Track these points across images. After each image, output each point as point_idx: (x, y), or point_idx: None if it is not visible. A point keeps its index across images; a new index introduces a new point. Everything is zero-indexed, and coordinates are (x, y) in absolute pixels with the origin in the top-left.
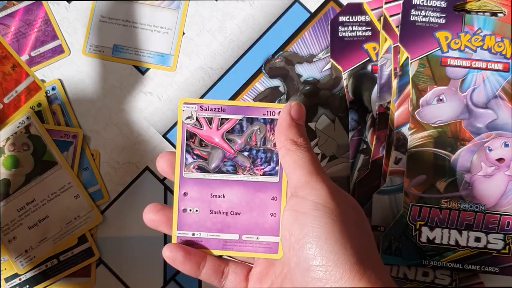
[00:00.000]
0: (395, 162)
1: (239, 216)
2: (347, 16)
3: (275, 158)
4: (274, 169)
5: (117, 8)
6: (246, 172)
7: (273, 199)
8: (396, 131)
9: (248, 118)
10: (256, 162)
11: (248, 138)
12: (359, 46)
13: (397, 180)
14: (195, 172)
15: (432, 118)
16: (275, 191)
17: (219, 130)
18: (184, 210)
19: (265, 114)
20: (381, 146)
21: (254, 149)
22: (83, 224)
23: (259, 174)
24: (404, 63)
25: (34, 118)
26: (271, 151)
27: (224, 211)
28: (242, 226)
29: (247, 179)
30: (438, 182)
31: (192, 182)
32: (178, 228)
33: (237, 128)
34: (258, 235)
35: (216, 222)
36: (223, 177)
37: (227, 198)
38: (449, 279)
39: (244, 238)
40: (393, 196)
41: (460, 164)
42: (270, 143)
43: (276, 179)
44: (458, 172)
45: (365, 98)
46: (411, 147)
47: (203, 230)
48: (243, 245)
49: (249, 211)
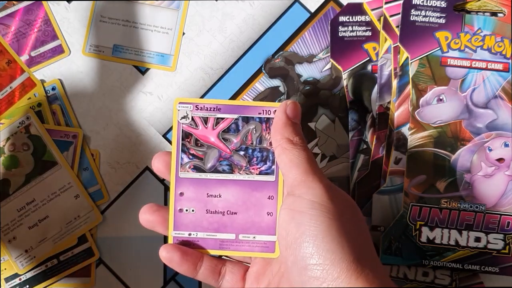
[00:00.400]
0: (395, 162)
1: (236, 216)
2: (347, 16)
3: (271, 157)
4: (270, 168)
5: (117, 8)
6: (242, 171)
7: (269, 198)
8: (396, 131)
9: (243, 117)
10: (252, 161)
11: (244, 137)
12: (359, 46)
13: (397, 180)
14: (191, 172)
15: (432, 118)
16: (272, 190)
17: (214, 130)
18: (181, 210)
19: (260, 113)
20: (381, 146)
21: (250, 148)
22: (83, 224)
23: (255, 173)
24: (404, 63)
25: (34, 118)
26: (267, 150)
27: (221, 211)
28: (238, 226)
29: (243, 179)
30: (438, 182)
31: (188, 182)
32: (175, 228)
33: (233, 127)
34: (255, 234)
35: (213, 221)
36: (219, 177)
37: (223, 197)
38: (449, 279)
39: (241, 237)
40: (393, 196)
41: (460, 164)
42: (266, 142)
43: (273, 178)
44: (458, 172)
45: (365, 98)
46: (411, 147)
47: (200, 230)
48: (240, 245)
49: (245, 210)
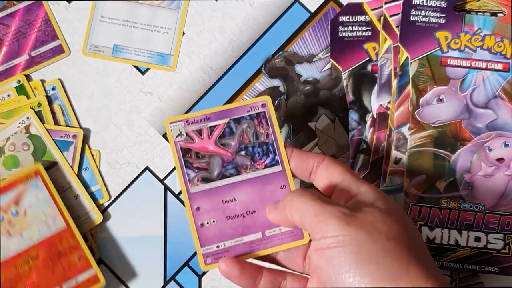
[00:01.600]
0: (395, 162)
1: (256, 214)
2: (347, 16)
3: (272, 149)
4: (274, 159)
5: (117, 8)
6: (248, 170)
7: (282, 187)
8: (396, 131)
9: (234, 119)
10: (255, 158)
11: (240, 138)
12: (359, 46)
13: (397, 180)
14: (200, 185)
15: (432, 118)
16: (282, 179)
17: (210, 138)
18: (202, 225)
19: (249, 110)
20: (381, 146)
21: (249, 146)
22: (83, 224)
23: (262, 168)
24: (404, 63)
25: (34, 118)
26: (266, 143)
27: (240, 214)
28: (262, 223)
29: (252, 176)
30: (438, 182)
31: (201, 195)
32: (201, 244)
33: (227, 131)
34: (280, 227)
35: (236, 226)
36: (229, 181)
37: (238, 200)
38: (449, 279)
39: (268, 233)
40: (393, 196)
41: (460, 164)
42: (262, 136)
43: (279, 168)
44: (458, 172)
45: (365, 98)
46: (411, 147)
47: (226, 238)
48: (269, 241)
49: (263, 206)
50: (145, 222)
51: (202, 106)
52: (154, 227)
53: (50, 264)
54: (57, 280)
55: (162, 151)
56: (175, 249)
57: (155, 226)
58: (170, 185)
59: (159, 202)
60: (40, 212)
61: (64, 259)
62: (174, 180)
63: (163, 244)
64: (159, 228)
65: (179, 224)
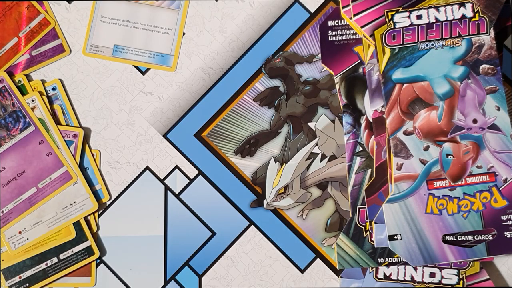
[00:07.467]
0: (397, 169)
1: (26, 174)
2: (336, 20)
3: (21, 114)
4: (26, 123)
5: (117, 8)
6: (7, 139)
7: (40, 143)
8: (392, 137)
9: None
10: (9, 127)
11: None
12: (349, 50)
13: (403, 186)
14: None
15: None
16: (38, 136)
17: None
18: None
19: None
20: (382, 150)
21: (1, 119)
22: (79, 211)
23: (17, 133)
24: (385, 69)
25: (39, 101)
26: (14, 111)
27: (12, 178)
28: (33, 179)
29: (12, 143)
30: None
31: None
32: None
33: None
34: (49, 176)
35: (12, 190)
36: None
37: (7, 167)
38: (456, 278)
39: (40, 185)
40: (402, 202)
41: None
42: (9, 107)
43: (32, 128)
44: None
45: (358, 101)
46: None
47: (7, 203)
48: (44, 191)
49: (29, 164)
50: (145, 222)
51: (202, 106)
52: (154, 227)
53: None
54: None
55: (162, 151)
56: (175, 249)
57: (155, 226)
58: (170, 185)
59: (159, 202)
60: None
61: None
62: (174, 180)
63: (163, 244)
64: (159, 228)
65: (179, 224)
